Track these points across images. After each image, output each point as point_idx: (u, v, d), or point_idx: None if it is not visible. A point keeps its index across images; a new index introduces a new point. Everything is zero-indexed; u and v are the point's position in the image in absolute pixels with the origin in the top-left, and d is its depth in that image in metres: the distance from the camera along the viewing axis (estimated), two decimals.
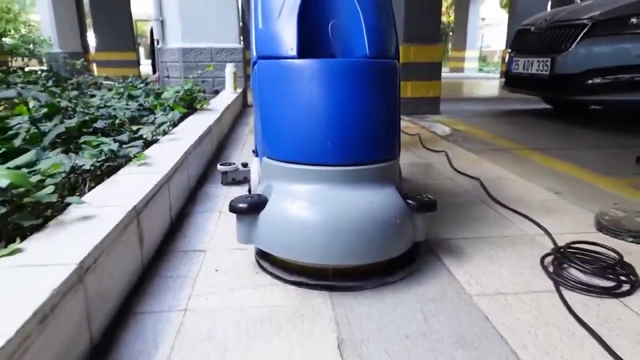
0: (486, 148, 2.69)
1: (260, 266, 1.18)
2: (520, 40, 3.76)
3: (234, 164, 1.93)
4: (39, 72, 5.30)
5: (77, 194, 1.22)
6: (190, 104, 2.78)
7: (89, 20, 9.48)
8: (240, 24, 4.74)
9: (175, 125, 2.29)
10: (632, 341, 0.89)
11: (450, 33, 15.96)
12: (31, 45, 5.67)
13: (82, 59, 6.45)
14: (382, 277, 1.11)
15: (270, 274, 1.14)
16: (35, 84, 4.98)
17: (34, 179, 1.06)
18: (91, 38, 9.40)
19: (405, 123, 3.63)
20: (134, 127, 1.98)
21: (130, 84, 4.09)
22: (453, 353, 0.85)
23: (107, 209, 1.05)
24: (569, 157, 2.43)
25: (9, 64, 5.77)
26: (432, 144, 2.75)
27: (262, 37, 1.19)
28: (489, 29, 22.58)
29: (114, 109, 2.22)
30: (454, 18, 15.30)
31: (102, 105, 2.48)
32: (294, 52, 1.11)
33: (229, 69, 4.15)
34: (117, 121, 2.06)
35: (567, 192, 1.83)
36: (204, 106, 2.99)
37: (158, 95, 3.26)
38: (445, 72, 13.50)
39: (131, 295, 1.04)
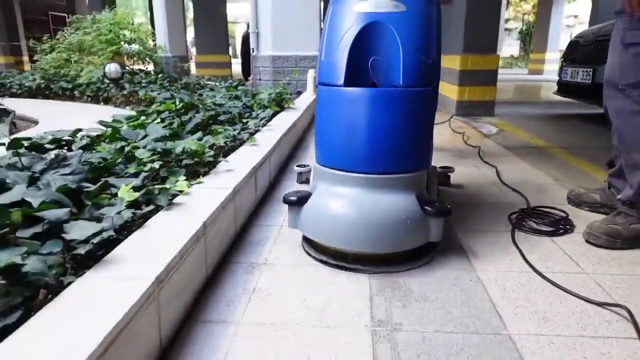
0: (520, 145, 3.19)
1: (304, 250, 1.50)
2: (570, 51, 4.13)
3: (308, 165, 2.25)
4: (157, 74, 6.44)
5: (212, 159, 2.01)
6: (279, 103, 3.56)
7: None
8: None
9: (269, 119, 3.07)
10: (542, 256, 1.48)
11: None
12: (150, 51, 6.86)
13: (188, 62, 7.60)
14: (395, 265, 1.38)
15: (307, 252, 1.48)
16: (155, 84, 6.11)
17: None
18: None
19: (459, 123, 4.16)
20: (244, 120, 2.78)
21: (230, 85, 5.01)
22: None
23: (238, 168, 1.81)
24: (587, 154, 2.88)
25: (132, 66, 6.99)
26: (473, 141, 3.30)
27: (322, 67, 1.48)
28: (582, 27, 21.58)
29: (229, 107, 3.05)
30: (536, 19, 15.02)
31: (217, 104, 3.33)
32: (341, 82, 1.39)
33: (310, 74, 4.90)
34: (231, 116, 2.87)
35: (566, 180, 2.34)
36: (290, 105, 3.76)
37: (254, 96, 4.10)
38: (523, 74, 13.41)
39: (250, 217, 1.80)
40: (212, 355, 0.99)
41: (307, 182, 2.25)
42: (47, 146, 1.99)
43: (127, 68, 6.52)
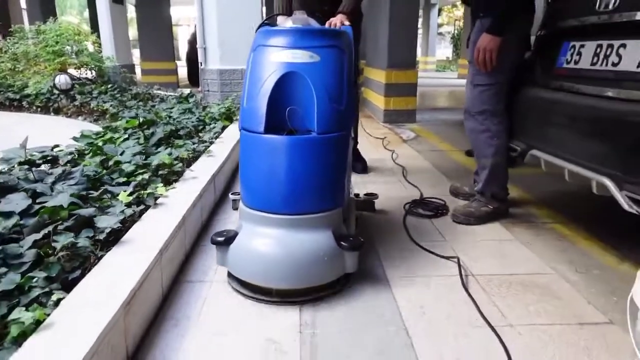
0: (428, 149, 3.92)
1: (231, 287, 1.58)
2: None
3: None
4: (107, 84, 6.69)
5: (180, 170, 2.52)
6: (229, 117, 4.07)
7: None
8: None
9: (221, 132, 3.58)
10: (421, 232, 2.12)
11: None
12: (98, 62, 7.10)
13: (134, 73, 7.89)
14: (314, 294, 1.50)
15: (233, 289, 1.57)
16: (105, 94, 6.38)
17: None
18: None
19: (384, 130, 4.86)
20: (200, 134, 3.29)
21: (181, 96, 5.44)
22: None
23: (201, 175, 2.34)
24: None
25: (80, 74, 7.17)
26: (392, 145, 3.98)
27: (244, 113, 1.57)
28: None
29: (185, 121, 3.53)
30: (464, 26, 16.28)
31: (173, 117, 3.79)
32: (261, 129, 1.48)
33: None
34: (188, 130, 3.37)
35: (455, 176, 3.04)
36: (238, 117, 4.28)
37: (204, 108, 4.59)
38: (453, 78, 14.57)
39: (212, 212, 2.33)
40: (196, 299, 1.54)
41: None
42: (38, 162, 2.42)
43: (76, 79, 6.71)
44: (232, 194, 2.40)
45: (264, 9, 6.20)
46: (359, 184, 2.80)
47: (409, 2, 5.07)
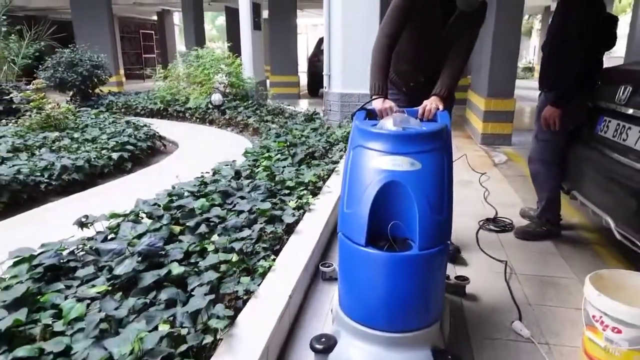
0: (515, 174, 4.61)
1: None
2: None
3: (332, 265, 2.46)
4: (247, 101, 8.21)
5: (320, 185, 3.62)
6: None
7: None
8: None
9: (344, 152, 4.66)
10: (488, 242, 2.97)
11: None
12: (242, 82, 8.68)
13: (267, 89, 9.47)
14: None
15: None
16: (247, 109, 7.86)
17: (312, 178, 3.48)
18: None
19: (480, 152, 5.58)
20: (329, 155, 4.41)
21: (309, 115, 6.67)
22: None
23: (334, 190, 3.41)
24: None
25: (225, 91, 8.79)
26: (483, 168, 4.74)
27: (344, 219, 1.58)
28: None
29: (317, 143, 4.68)
30: None
31: (305, 136, 4.96)
32: (361, 242, 1.47)
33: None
34: (321, 152, 4.50)
35: (531, 201, 3.75)
36: None
37: (327, 129, 5.73)
38: None
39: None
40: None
41: (330, 279, 2.46)
42: (231, 175, 3.69)
43: (226, 96, 8.31)
44: (322, 265, 2.48)
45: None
46: None
47: (511, 36, 5.70)
